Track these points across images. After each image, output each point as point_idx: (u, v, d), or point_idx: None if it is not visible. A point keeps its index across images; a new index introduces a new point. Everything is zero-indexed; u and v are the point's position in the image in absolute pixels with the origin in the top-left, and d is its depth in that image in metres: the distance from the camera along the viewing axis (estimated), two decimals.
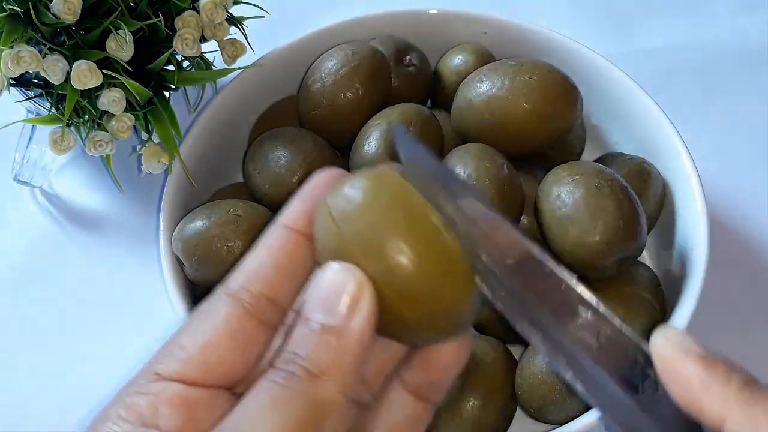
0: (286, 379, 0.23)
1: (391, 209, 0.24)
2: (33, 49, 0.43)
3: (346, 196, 0.25)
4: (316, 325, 0.24)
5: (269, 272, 0.26)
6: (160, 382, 0.24)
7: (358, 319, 0.24)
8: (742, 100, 0.62)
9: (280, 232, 0.27)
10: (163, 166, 0.48)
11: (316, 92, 0.51)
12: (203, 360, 0.25)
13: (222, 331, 0.25)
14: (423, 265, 0.24)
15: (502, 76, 0.48)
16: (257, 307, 0.25)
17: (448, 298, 0.24)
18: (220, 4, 0.47)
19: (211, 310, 0.26)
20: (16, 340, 0.53)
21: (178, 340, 0.25)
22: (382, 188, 0.25)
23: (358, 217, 0.24)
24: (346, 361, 0.23)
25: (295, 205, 0.27)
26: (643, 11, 0.68)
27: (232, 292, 0.26)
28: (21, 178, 0.57)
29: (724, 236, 0.54)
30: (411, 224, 0.24)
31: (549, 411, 0.43)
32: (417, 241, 0.24)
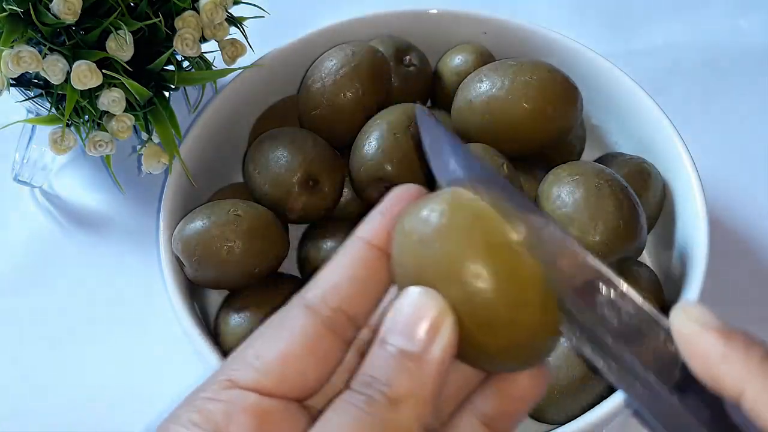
0: (367, 403, 0.23)
1: (470, 232, 0.24)
2: (33, 49, 0.43)
3: (423, 218, 0.24)
4: (394, 349, 0.23)
5: (347, 286, 0.25)
6: (235, 389, 0.24)
7: (438, 347, 0.23)
8: (742, 100, 0.62)
9: (358, 246, 0.26)
10: (163, 166, 0.48)
11: (316, 92, 0.51)
12: (281, 371, 0.24)
13: (300, 343, 0.24)
14: (504, 291, 0.23)
15: (502, 76, 0.48)
16: (335, 321, 0.25)
17: (528, 328, 0.24)
18: (220, 4, 0.47)
19: (288, 321, 0.25)
20: (16, 339, 0.53)
21: (254, 348, 0.25)
22: (461, 210, 0.24)
23: (435, 240, 0.24)
24: (425, 389, 0.23)
25: (375, 219, 0.27)
26: (643, 11, 0.68)
27: (311, 304, 0.25)
28: (21, 178, 0.57)
29: (724, 236, 0.54)
30: (491, 248, 0.24)
31: (549, 411, 0.43)
32: (497, 266, 0.23)
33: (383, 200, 0.27)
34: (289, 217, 0.49)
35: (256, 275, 0.46)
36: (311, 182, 0.48)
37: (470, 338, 0.24)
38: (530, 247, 0.24)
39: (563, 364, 0.42)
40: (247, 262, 0.45)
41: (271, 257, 0.47)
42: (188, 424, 0.24)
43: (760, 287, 0.53)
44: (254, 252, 0.45)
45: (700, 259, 0.44)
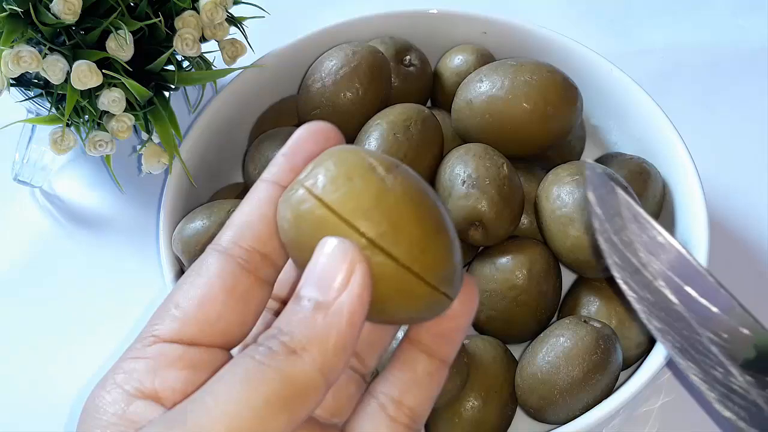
0: (263, 355, 0.22)
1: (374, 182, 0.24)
2: (33, 49, 0.43)
3: (324, 179, 0.24)
4: (308, 302, 0.23)
5: (258, 227, 0.25)
6: (158, 344, 0.24)
7: (347, 296, 0.22)
8: (742, 100, 0.62)
9: (264, 186, 0.26)
10: (163, 166, 0.48)
11: (316, 92, 0.51)
12: (201, 316, 0.24)
13: (218, 286, 0.24)
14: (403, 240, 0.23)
15: (502, 76, 0.48)
16: (250, 261, 0.25)
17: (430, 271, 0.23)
18: (220, 4, 0.47)
19: (203, 267, 0.25)
20: (16, 339, 0.53)
21: (172, 298, 0.24)
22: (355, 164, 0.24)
23: (346, 196, 0.23)
24: (331, 339, 0.22)
25: (278, 161, 0.26)
26: (643, 11, 0.68)
27: (223, 248, 0.25)
28: (21, 178, 0.57)
29: (724, 236, 0.54)
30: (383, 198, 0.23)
31: (549, 411, 0.43)
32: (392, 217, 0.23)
33: (287, 142, 0.26)
34: None
35: None
36: None
37: (381, 298, 0.23)
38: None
39: (563, 363, 0.42)
40: None
41: None
42: (113, 387, 0.23)
43: (760, 288, 0.53)
44: None
45: (700, 259, 0.44)
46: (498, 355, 0.45)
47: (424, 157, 0.48)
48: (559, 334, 0.44)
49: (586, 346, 0.42)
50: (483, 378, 0.44)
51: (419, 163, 0.47)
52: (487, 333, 0.47)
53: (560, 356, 0.43)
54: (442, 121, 0.50)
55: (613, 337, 0.43)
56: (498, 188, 0.45)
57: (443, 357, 0.26)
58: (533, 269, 0.46)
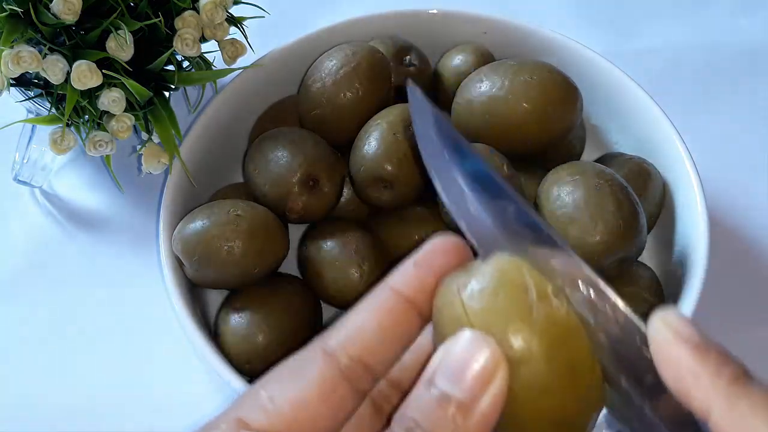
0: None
1: (521, 305, 0.23)
2: (33, 49, 0.43)
3: (474, 287, 0.24)
4: (439, 393, 0.22)
5: (371, 335, 0.25)
6: (245, 431, 0.24)
7: (487, 398, 0.22)
8: (742, 100, 0.62)
9: (387, 294, 0.25)
10: (163, 166, 0.48)
11: (316, 92, 0.51)
12: (293, 417, 0.23)
13: (315, 391, 0.24)
14: (552, 367, 0.22)
15: (502, 76, 0.48)
16: (353, 370, 0.24)
17: (575, 399, 0.23)
18: (220, 4, 0.47)
19: (305, 365, 0.24)
20: (15, 339, 0.53)
21: (267, 389, 0.24)
22: (510, 282, 0.24)
23: (488, 311, 0.23)
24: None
25: (407, 269, 0.26)
26: (643, 11, 0.68)
27: (330, 350, 0.24)
28: (21, 178, 0.57)
29: (724, 236, 0.54)
30: (544, 323, 0.23)
31: None
32: (550, 343, 0.23)
33: (419, 250, 0.26)
34: (289, 217, 0.49)
35: (256, 275, 0.46)
36: (311, 182, 0.48)
37: (515, 406, 0.23)
38: (576, 312, 0.23)
39: None
40: (247, 262, 0.45)
41: (271, 257, 0.47)
42: None
43: (761, 288, 0.53)
44: (254, 252, 0.45)
45: (700, 259, 0.44)
46: None
47: None
48: None
49: None
50: None
51: (419, 163, 0.47)
52: None
53: None
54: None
55: None
56: None
57: None
58: None
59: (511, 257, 0.25)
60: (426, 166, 0.28)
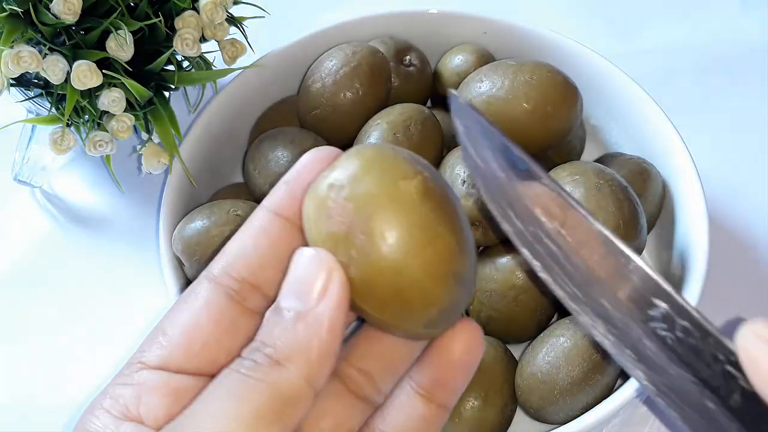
0: (248, 368, 0.22)
1: (373, 191, 0.24)
2: (33, 49, 0.43)
3: (330, 179, 0.24)
4: (288, 313, 0.23)
5: (252, 257, 0.25)
6: (144, 370, 0.24)
7: (325, 304, 0.23)
8: (742, 100, 0.62)
9: (264, 216, 0.26)
10: (163, 166, 0.48)
11: (316, 92, 0.51)
12: (186, 345, 0.24)
13: (204, 316, 0.24)
14: (400, 254, 0.23)
15: (502, 76, 0.48)
16: (240, 292, 0.25)
17: (427, 291, 0.23)
18: (220, 4, 0.47)
19: (192, 296, 0.25)
20: (15, 339, 0.53)
21: (161, 326, 0.25)
22: (366, 168, 0.24)
23: (337, 200, 0.24)
24: (313, 348, 0.22)
25: (280, 188, 0.26)
26: (643, 12, 0.68)
27: (214, 277, 0.25)
28: (21, 178, 0.57)
29: (724, 236, 0.54)
30: (391, 209, 0.23)
31: (549, 411, 0.43)
32: (396, 228, 0.23)
33: (291, 168, 0.26)
34: None
35: None
36: None
37: (368, 303, 0.24)
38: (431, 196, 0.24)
39: (563, 363, 0.42)
40: None
41: None
42: (101, 412, 0.23)
43: (761, 287, 0.53)
44: None
45: (700, 259, 0.44)
46: (498, 355, 0.45)
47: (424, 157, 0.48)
48: (560, 334, 0.44)
49: (586, 346, 0.42)
50: (483, 378, 0.44)
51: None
52: (488, 333, 0.47)
53: (560, 356, 0.43)
54: (442, 121, 0.50)
55: None
56: None
57: (443, 403, 0.26)
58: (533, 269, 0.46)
59: (373, 146, 0.25)
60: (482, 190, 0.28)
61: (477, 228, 0.45)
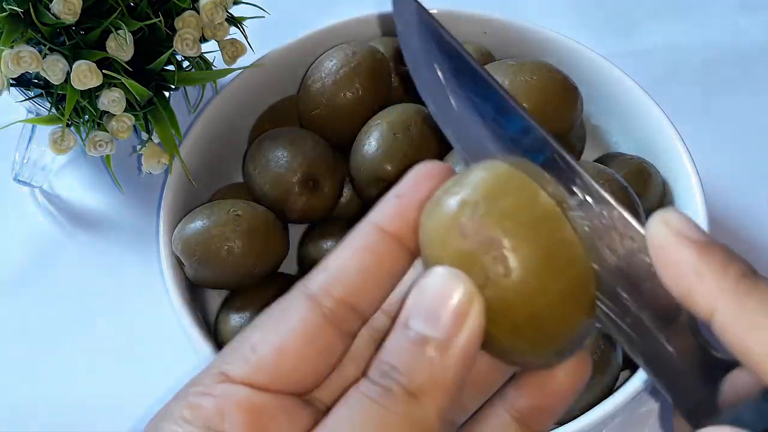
0: (382, 396, 0.21)
1: (512, 210, 0.22)
2: (33, 49, 0.43)
3: (462, 196, 0.22)
4: (415, 335, 0.21)
5: (354, 276, 0.23)
6: (227, 383, 0.23)
7: (464, 335, 0.21)
8: (742, 100, 0.62)
9: (368, 231, 0.24)
10: (163, 166, 0.48)
11: (316, 92, 0.51)
12: (275, 365, 0.23)
13: (298, 336, 0.23)
14: (542, 277, 0.21)
15: (502, 76, 0.48)
16: (338, 313, 0.23)
17: (565, 318, 0.22)
18: (220, 4, 0.47)
19: (287, 311, 0.23)
20: (15, 339, 0.53)
21: (249, 339, 0.23)
22: (501, 186, 0.22)
23: (473, 218, 0.22)
24: (447, 381, 0.21)
25: (389, 202, 0.24)
26: (643, 11, 0.68)
27: (312, 293, 0.23)
28: (21, 178, 0.57)
29: (724, 236, 0.54)
30: (534, 229, 0.22)
31: None
32: (538, 248, 0.21)
33: (401, 181, 0.24)
34: (289, 217, 0.49)
35: (256, 275, 0.46)
36: (311, 182, 0.48)
37: (499, 328, 0.22)
38: (572, 225, 0.22)
39: None
40: (247, 262, 0.45)
41: (271, 257, 0.47)
42: (179, 421, 0.22)
43: None
44: (254, 252, 0.45)
45: None
46: None
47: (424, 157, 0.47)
48: None
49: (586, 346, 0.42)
50: None
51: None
52: None
53: None
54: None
55: None
56: None
57: (536, 429, 0.25)
58: None
59: (504, 164, 0.23)
60: (410, 70, 0.26)
61: None
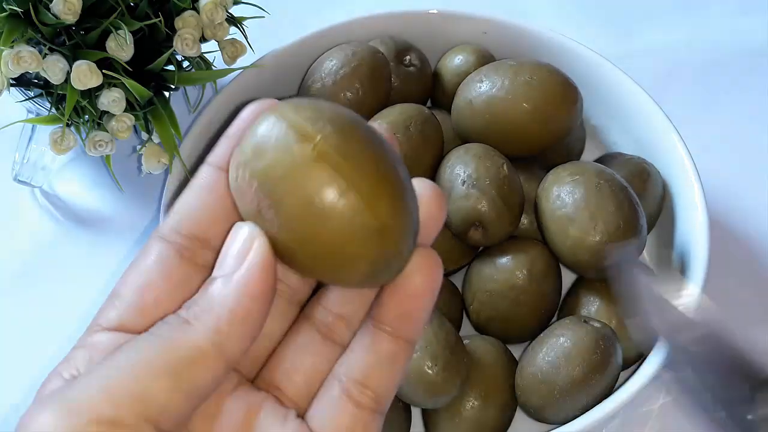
0: (158, 326, 0.23)
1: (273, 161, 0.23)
2: (33, 49, 0.43)
3: (238, 157, 0.24)
4: (209, 280, 0.23)
5: (198, 213, 0.25)
6: (100, 332, 0.24)
7: (244, 268, 0.23)
8: (742, 100, 0.62)
9: (208, 171, 0.26)
10: (163, 166, 0.48)
11: (316, 92, 0.51)
12: (140, 304, 0.24)
13: (156, 274, 0.24)
14: (307, 222, 0.22)
15: (502, 76, 0.48)
16: (189, 248, 0.25)
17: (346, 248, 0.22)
18: (220, 4, 0.47)
19: (143, 255, 0.25)
20: (15, 340, 0.53)
21: (115, 289, 0.25)
22: (267, 136, 0.23)
23: (250, 179, 0.23)
24: (225, 309, 0.22)
25: (224, 143, 0.26)
26: (643, 12, 0.68)
27: (164, 235, 0.25)
28: (21, 178, 0.57)
29: (724, 236, 0.54)
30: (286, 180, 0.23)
31: (549, 411, 0.43)
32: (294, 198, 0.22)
33: (232, 123, 0.26)
34: None
35: None
36: None
37: (300, 264, 0.23)
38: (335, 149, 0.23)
39: (563, 363, 0.42)
40: None
41: None
42: (55, 376, 0.24)
43: (760, 288, 0.53)
44: None
45: (700, 259, 0.44)
46: (498, 355, 0.45)
47: (424, 157, 0.48)
48: (560, 334, 0.44)
49: (586, 346, 0.42)
50: (483, 378, 0.44)
51: (419, 163, 0.47)
52: (487, 333, 0.47)
53: (560, 356, 0.43)
54: (442, 121, 0.50)
55: (613, 337, 0.43)
56: (498, 188, 0.45)
57: (408, 337, 0.25)
58: (533, 269, 0.46)
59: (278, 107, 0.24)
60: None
61: (477, 228, 0.45)
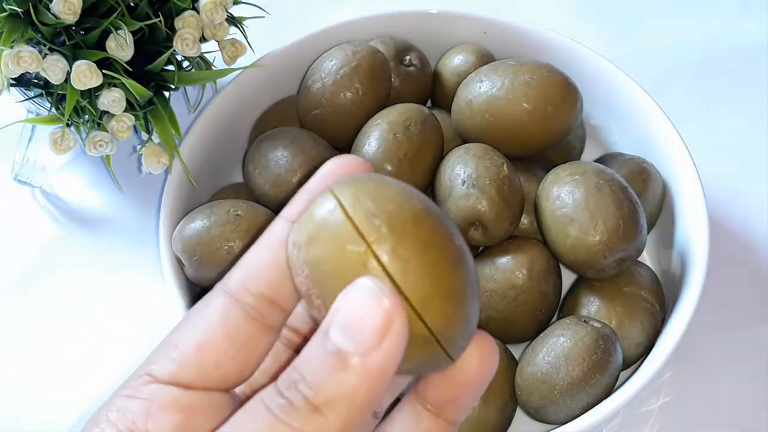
0: (282, 409, 0.21)
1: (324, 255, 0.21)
2: (33, 49, 0.43)
3: (294, 236, 0.22)
4: (332, 347, 0.20)
5: (269, 270, 0.24)
6: (153, 384, 0.23)
7: (382, 353, 0.20)
8: (742, 100, 0.62)
9: (282, 226, 0.24)
10: (163, 166, 0.48)
11: (316, 92, 0.51)
12: (199, 361, 0.23)
13: (219, 332, 0.23)
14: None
15: (502, 76, 0.48)
16: (257, 307, 0.23)
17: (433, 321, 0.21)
18: (220, 4, 0.47)
19: (207, 309, 0.24)
20: (16, 340, 0.53)
21: (172, 339, 0.24)
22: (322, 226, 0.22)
23: (303, 264, 0.22)
24: (358, 398, 0.20)
25: (301, 198, 0.24)
26: (643, 12, 0.68)
27: (230, 290, 0.24)
28: (21, 178, 0.57)
29: (724, 236, 0.54)
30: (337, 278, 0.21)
31: (549, 411, 0.43)
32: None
33: (312, 177, 0.25)
34: None
35: None
36: None
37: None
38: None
39: (563, 363, 0.42)
40: None
41: None
42: (106, 425, 0.23)
43: (761, 287, 0.53)
44: None
45: (700, 259, 0.44)
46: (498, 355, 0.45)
47: (424, 157, 0.48)
48: (559, 334, 0.44)
49: (586, 346, 0.42)
50: None
51: (419, 163, 0.47)
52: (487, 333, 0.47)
53: (560, 356, 0.43)
54: (442, 121, 0.50)
55: (613, 337, 0.43)
56: (498, 188, 0.45)
57: (450, 419, 0.25)
58: (533, 269, 0.46)
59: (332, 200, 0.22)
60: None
61: (477, 228, 0.45)
